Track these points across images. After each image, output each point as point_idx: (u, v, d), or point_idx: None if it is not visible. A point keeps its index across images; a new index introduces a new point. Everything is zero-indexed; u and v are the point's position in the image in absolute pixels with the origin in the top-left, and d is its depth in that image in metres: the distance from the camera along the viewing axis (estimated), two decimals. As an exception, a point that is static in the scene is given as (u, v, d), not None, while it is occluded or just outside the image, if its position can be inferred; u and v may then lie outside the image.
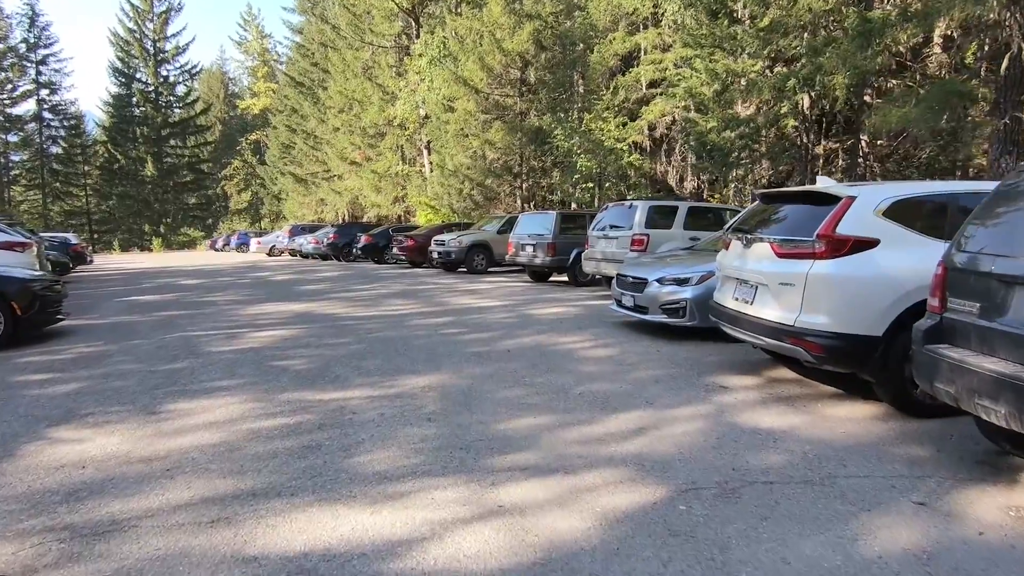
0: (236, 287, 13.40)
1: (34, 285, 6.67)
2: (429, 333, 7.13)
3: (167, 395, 4.64)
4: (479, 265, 15.27)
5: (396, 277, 15.26)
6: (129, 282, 15.46)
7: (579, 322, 7.72)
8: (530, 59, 22.95)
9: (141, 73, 53.56)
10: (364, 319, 8.29)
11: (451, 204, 26.36)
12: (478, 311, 8.85)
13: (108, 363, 5.72)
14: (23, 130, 51.39)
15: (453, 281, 13.81)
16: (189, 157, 56.61)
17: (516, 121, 23.40)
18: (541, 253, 11.87)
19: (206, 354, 6.08)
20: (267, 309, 9.45)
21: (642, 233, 9.20)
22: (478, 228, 16.88)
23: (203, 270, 20.35)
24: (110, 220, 54.46)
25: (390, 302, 10.13)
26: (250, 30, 62.15)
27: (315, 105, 41.26)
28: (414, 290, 11.96)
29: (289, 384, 4.94)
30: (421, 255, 17.58)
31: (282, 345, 6.51)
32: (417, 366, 5.54)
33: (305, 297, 11.07)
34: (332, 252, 23.68)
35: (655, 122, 20.12)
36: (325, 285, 13.53)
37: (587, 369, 5.35)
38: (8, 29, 49.58)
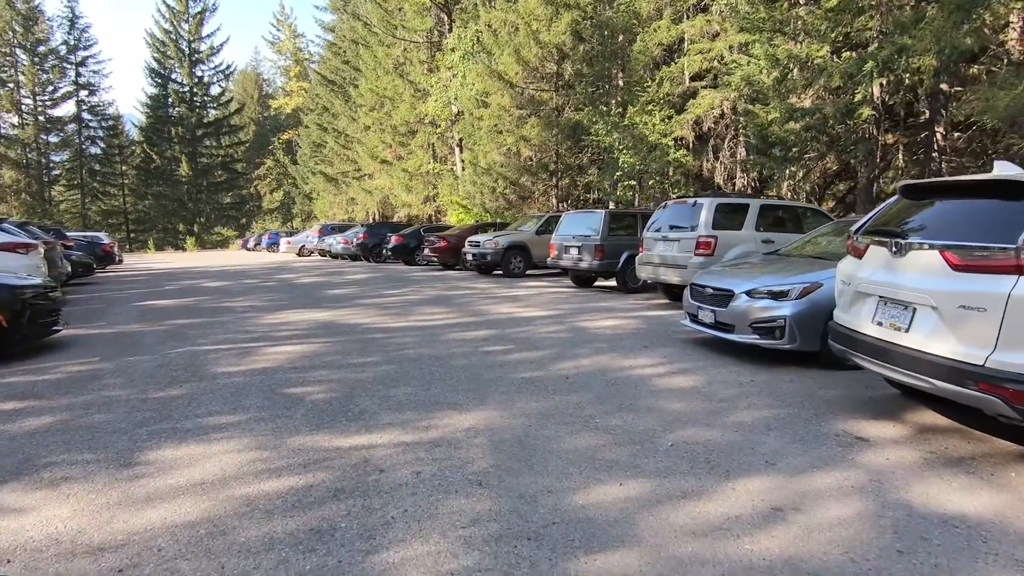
0: (259, 291, 12.63)
1: (24, 293, 5.87)
2: (469, 351, 6.13)
3: (152, 436, 3.72)
4: (516, 268, 14.25)
5: (428, 280, 14.34)
6: (151, 284, 14.85)
7: (643, 338, 6.63)
8: (567, 51, 21.92)
9: (176, 74, 54.02)
10: (394, 332, 7.34)
11: (483, 203, 25.46)
12: (522, 323, 7.82)
13: (96, 387, 4.85)
14: (63, 131, 52.27)
15: (489, 285, 12.82)
16: (223, 157, 56.91)
17: (552, 116, 22.39)
18: (587, 256, 10.78)
19: (210, 376, 5.17)
20: (288, 318, 8.58)
21: (709, 235, 8.05)
22: (515, 228, 15.86)
23: (229, 271, 19.77)
24: (146, 219, 55.04)
25: (422, 310, 9.17)
26: (283, 30, 62.33)
27: (346, 103, 40.87)
28: (448, 296, 11.00)
29: (303, 422, 3.98)
30: (453, 257, 16.65)
31: (300, 365, 5.58)
32: (458, 397, 4.53)
33: (330, 303, 10.20)
34: (361, 253, 22.94)
35: (702, 116, 18.84)
36: (353, 289, 12.67)
37: (671, 406, 4.28)
38: (49, 31, 50.49)
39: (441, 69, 30.22)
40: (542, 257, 14.40)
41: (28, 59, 49.35)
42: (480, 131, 24.22)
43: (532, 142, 22.54)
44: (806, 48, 12.83)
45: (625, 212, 11.83)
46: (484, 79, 23.05)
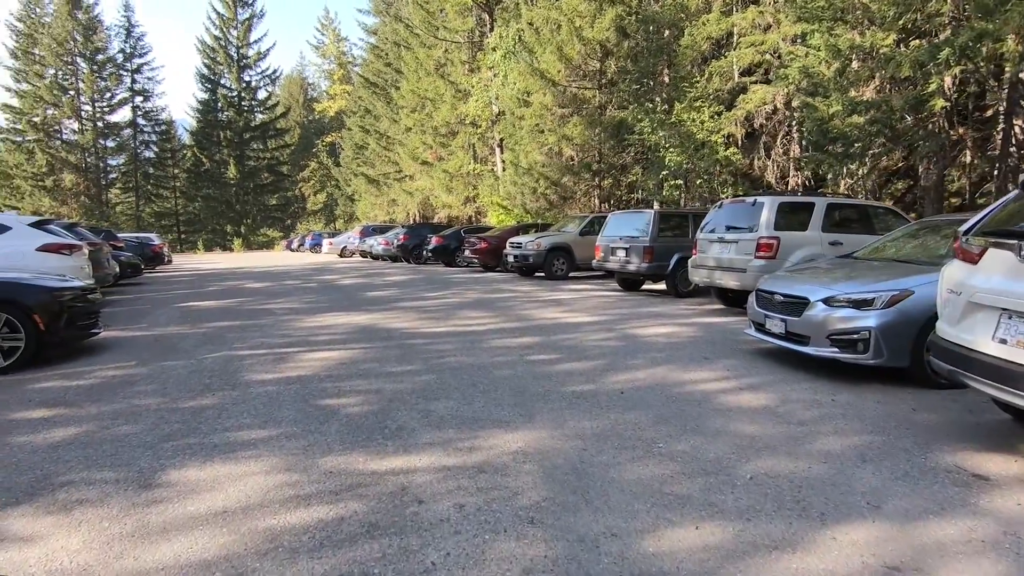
0: (300, 292, 12.55)
1: (62, 296, 5.76)
2: (513, 360, 5.75)
3: (177, 452, 3.46)
4: (559, 270, 13.82)
5: (468, 283, 14.04)
6: (196, 285, 15.00)
7: (701, 348, 6.12)
8: (611, 48, 21.41)
9: (225, 79, 55.46)
10: (434, 337, 7.01)
11: (524, 204, 25.14)
12: (568, 329, 7.40)
13: (127, 394, 4.66)
14: (119, 136, 54.29)
15: (531, 288, 12.42)
16: (269, 160, 58.16)
17: (595, 115, 21.88)
18: (636, 258, 10.27)
19: (244, 384, 4.93)
20: (327, 321, 8.37)
21: (771, 236, 7.47)
22: (557, 229, 15.42)
23: (272, 272, 19.93)
24: (196, 221, 56.69)
25: (463, 314, 8.84)
26: (327, 34, 63.38)
27: (388, 105, 41.17)
28: (489, 299, 10.65)
29: (336, 439, 3.67)
30: (494, 258, 16.32)
31: (336, 373, 5.29)
32: (503, 412, 4.15)
33: (370, 306, 9.98)
34: (402, 254, 22.87)
35: (753, 112, 18.02)
36: (392, 291, 12.47)
37: (743, 429, 3.79)
38: (107, 40, 52.52)
39: (482, 69, 30.05)
40: (586, 259, 13.94)
41: (88, 67, 51.44)
42: (521, 131, 23.90)
43: (574, 141, 22.09)
44: (871, 37, 12.00)
45: (676, 212, 11.27)
46: (526, 78, 22.71)
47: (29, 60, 50.14)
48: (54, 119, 51.19)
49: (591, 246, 13.64)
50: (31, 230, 7.75)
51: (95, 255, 9.95)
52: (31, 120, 49.72)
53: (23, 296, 5.47)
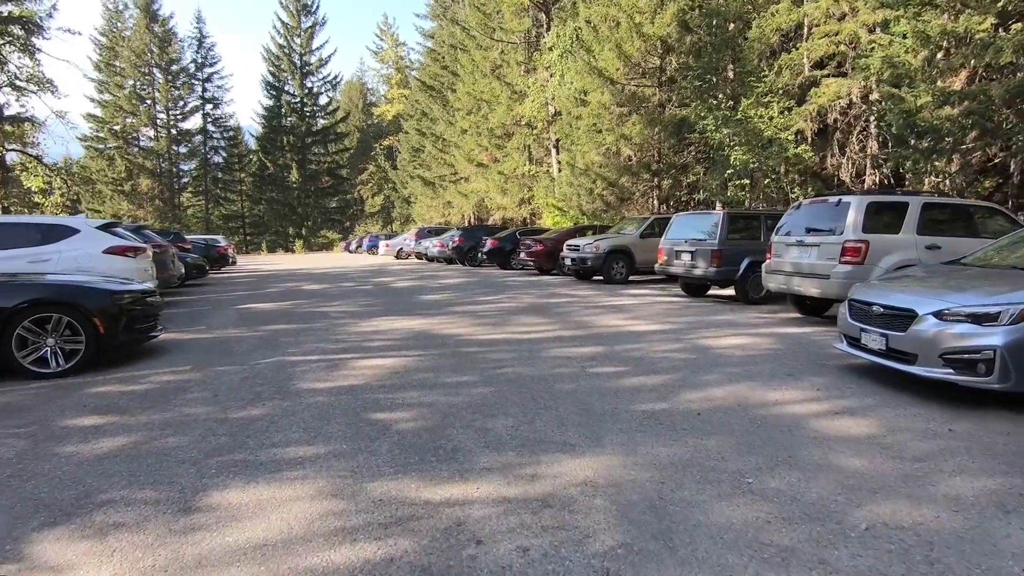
0: (355, 295, 12.53)
1: (122, 299, 5.76)
2: (576, 372, 5.36)
3: (221, 470, 3.25)
4: (618, 274, 13.30)
5: (524, 286, 13.71)
6: (256, 286, 15.28)
7: (783, 363, 5.56)
8: (672, 43, 20.72)
9: (289, 85, 57.23)
10: (491, 345, 6.70)
11: (580, 205, 24.68)
12: (632, 338, 6.95)
13: (179, 402, 4.54)
14: (191, 142, 56.90)
15: (590, 293, 11.97)
16: (329, 163, 59.67)
17: (655, 113, 21.19)
18: (703, 262, 9.68)
19: (295, 393, 4.74)
20: (381, 325, 8.20)
21: (859, 240, 6.79)
22: (616, 231, 14.90)
23: (330, 274, 20.20)
24: (260, 223, 58.74)
25: (520, 320, 8.51)
26: (386, 39, 64.56)
27: (444, 108, 41.43)
28: (547, 304, 10.28)
29: (387, 460, 3.38)
30: (550, 261, 15.94)
31: (389, 383, 5.05)
32: (568, 434, 3.78)
33: (424, 310, 9.78)
34: (457, 256, 22.79)
35: (827, 106, 16.97)
36: (447, 295, 12.27)
37: (847, 462, 3.29)
38: (180, 51, 55.13)
39: (538, 69, 29.77)
40: (646, 262, 13.38)
41: (163, 77, 54.14)
42: (578, 131, 23.45)
43: (633, 140, 21.46)
44: (964, 22, 10.98)
45: (746, 213, 10.58)
46: (583, 76, 22.26)
47: (111, 72, 53.18)
48: (132, 127, 54.10)
49: (652, 249, 13.08)
50: (99, 233, 7.91)
51: (160, 257, 10.17)
52: (112, 128, 52.72)
53: (84, 299, 5.47)
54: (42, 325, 5.30)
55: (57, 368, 5.34)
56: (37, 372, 5.28)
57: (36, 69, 20.88)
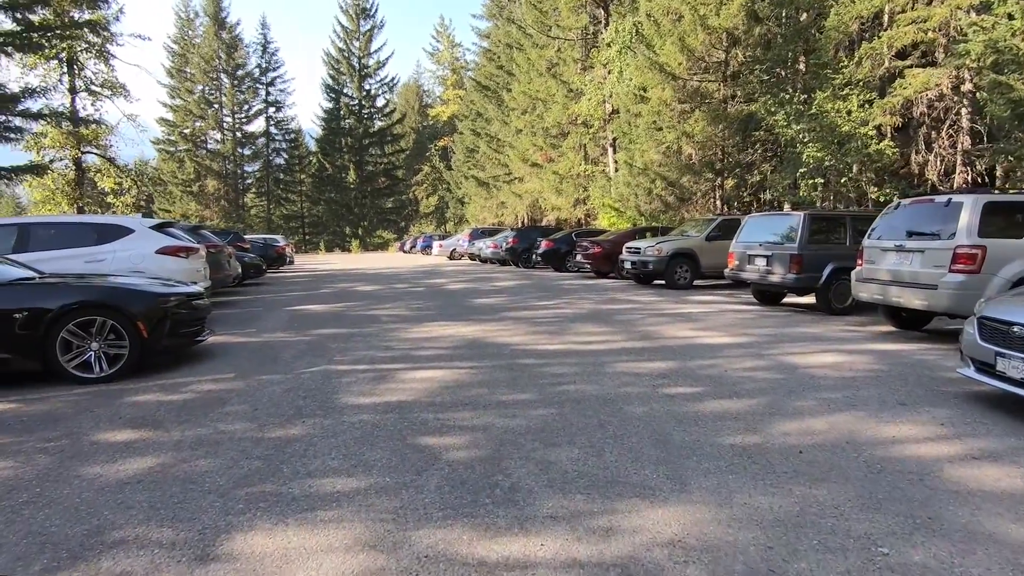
0: (407, 297, 12.25)
1: (167, 302, 5.54)
2: (646, 392, 4.77)
3: (248, 506, 2.86)
4: (682, 279, 12.52)
5: (581, 290, 13.11)
6: (310, 286, 15.25)
7: (890, 388, 4.81)
8: (739, 35, 19.68)
9: (348, 88, 58.35)
10: (549, 357, 6.18)
11: (638, 206, 23.86)
12: (706, 352, 6.28)
13: (216, 416, 4.22)
14: (254, 144, 58.80)
15: (652, 298, 11.27)
16: (385, 164, 60.55)
17: (719, 109, 20.18)
18: (780, 268, 8.85)
19: (338, 410, 4.35)
20: (432, 331, 7.80)
21: (974, 245, 5.90)
22: (679, 233, 14.10)
23: (383, 274, 20.13)
24: (318, 223, 60.16)
25: (580, 329, 7.94)
26: (442, 41, 64.99)
27: (499, 108, 41.22)
28: (607, 311, 9.67)
29: (435, 499, 2.91)
30: (608, 264, 15.28)
31: (439, 400, 4.60)
32: (645, 473, 3.22)
33: (478, 315, 9.35)
34: (510, 257, 22.36)
35: (913, 98, 15.63)
36: (501, 299, 11.82)
37: (1007, 531, 2.60)
38: (246, 57, 57.04)
39: (596, 67, 29.06)
40: (712, 266, 12.57)
41: (229, 82, 56.14)
42: (637, 128, 22.65)
43: (695, 138, 20.51)
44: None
45: (829, 215, 9.65)
46: (643, 72, 21.44)
47: (182, 78, 55.55)
48: (201, 130, 56.35)
49: (719, 252, 12.27)
50: (152, 233, 7.85)
51: (215, 257, 10.12)
52: (182, 132, 55.02)
53: (128, 302, 5.27)
54: (86, 329, 5.12)
55: (100, 374, 5.15)
56: (81, 377, 5.10)
57: (110, 74, 21.81)
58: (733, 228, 12.93)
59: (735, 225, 12.99)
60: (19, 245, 7.18)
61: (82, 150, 20.79)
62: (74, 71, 20.44)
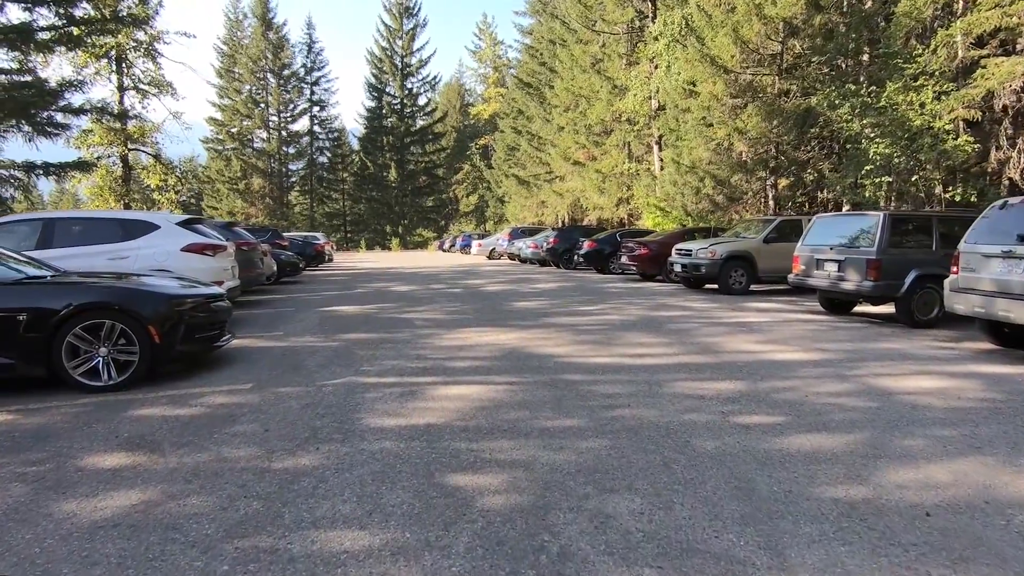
0: (444, 299, 11.73)
1: (182, 304, 5.10)
2: (715, 421, 4.06)
3: (234, 567, 2.30)
4: (737, 283, 11.62)
5: (627, 295, 12.35)
6: (345, 285, 14.91)
7: (1017, 425, 3.97)
8: (799, 25, 18.54)
9: (390, 87, 58.60)
10: (598, 372, 5.51)
11: (684, 205, 22.89)
12: (779, 371, 5.51)
13: (220, 439, 3.72)
14: (299, 143, 59.62)
15: (706, 305, 10.42)
16: (426, 163, 60.59)
17: (774, 104, 19.05)
18: (855, 274, 7.93)
19: (358, 434, 3.80)
20: (468, 338, 7.22)
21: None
22: (733, 235, 13.18)
23: (420, 274, 19.73)
24: (360, 221, 60.65)
25: (629, 339, 7.23)
26: (484, 38, 64.69)
27: (541, 105, 40.60)
28: (658, 319, 8.91)
29: (465, 568, 2.30)
30: (655, 266, 14.47)
31: (474, 424, 4.00)
32: (728, 536, 2.53)
33: (517, 320, 8.73)
34: (551, 258, 21.67)
35: (997, 89, 14.31)
36: (542, 302, 11.17)
37: None
38: (292, 56, 57.86)
39: (642, 61, 28.12)
40: (770, 271, 11.65)
41: (275, 82, 57.05)
42: (686, 124, 21.70)
43: (748, 135, 19.43)
44: None
45: (913, 216, 8.64)
46: (693, 65, 20.45)
47: (230, 78, 56.70)
48: (248, 129, 57.40)
49: (778, 255, 11.37)
50: (179, 230, 7.50)
51: (247, 255, 9.79)
52: (229, 131, 56.16)
53: (139, 305, 4.84)
54: (94, 333, 4.72)
55: (109, 382, 4.74)
56: (87, 385, 4.70)
57: (157, 73, 22.10)
58: (793, 230, 11.99)
59: (796, 226, 12.04)
60: (43, 241, 6.91)
61: (129, 147, 21.12)
62: (123, 69, 20.82)
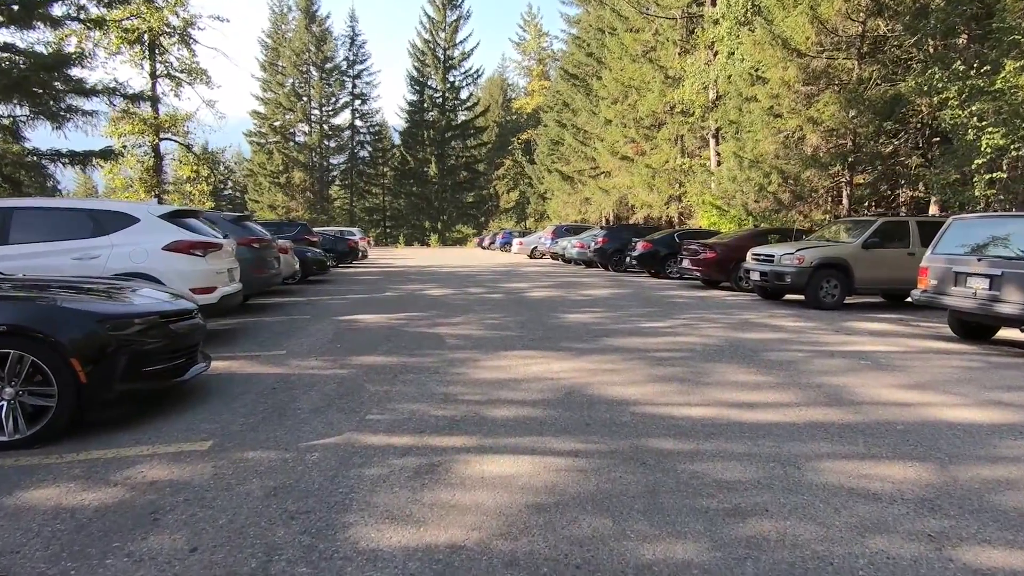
0: (483, 307, 10.23)
1: (124, 327, 3.71)
2: (925, 559, 2.41)
3: None
4: (829, 295, 9.75)
5: (696, 306, 10.58)
6: (375, 287, 13.57)
7: None
8: (886, 1, 16.39)
9: (432, 80, 57.55)
10: (695, 434, 3.89)
11: (745, 204, 20.85)
12: (965, 442, 3.78)
13: (107, 568, 2.27)
14: (340, 137, 59.20)
15: (799, 323, 8.57)
16: (467, 158, 59.38)
17: (856, 90, 16.89)
18: (1018, 294, 6.09)
19: (335, 567, 2.30)
20: (511, 367, 5.69)
21: None
22: (821, 238, 11.26)
23: (458, 274, 18.29)
24: (399, 216, 59.87)
25: (722, 374, 5.54)
26: (529, 30, 63.01)
27: (587, 97, 38.79)
28: (747, 342, 7.16)
29: None
30: (722, 272, 12.66)
31: (524, 547, 2.45)
32: None
33: (572, 341, 7.15)
34: (599, 259, 19.92)
35: None
36: (597, 314, 9.53)
37: None
38: (335, 49, 57.40)
39: (699, 48, 26.06)
40: (869, 281, 9.78)
41: (318, 75, 56.69)
42: (751, 115, 19.65)
43: (824, 125, 17.34)
44: None
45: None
46: (762, 49, 18.39)
47: (273, 71, 56.60)
48: (290, 123, 57.26)
49: (879, 264, 9.52)
50: (162, 224, 6.14)
51: (258, 254, 8.49)
52: (272, 124, 56.09)
53: (56, 328, 3.47)
54: None
55: (14, 436, 3.39)
56: (-21, 441, 3.35)
57: (192, 60, 21.32)
58: (897, 233, 10.06)
59: (900, 229, 10.11)
60: (-1, 234, 5.69)
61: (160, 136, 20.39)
62: (155, 55, 20.10)
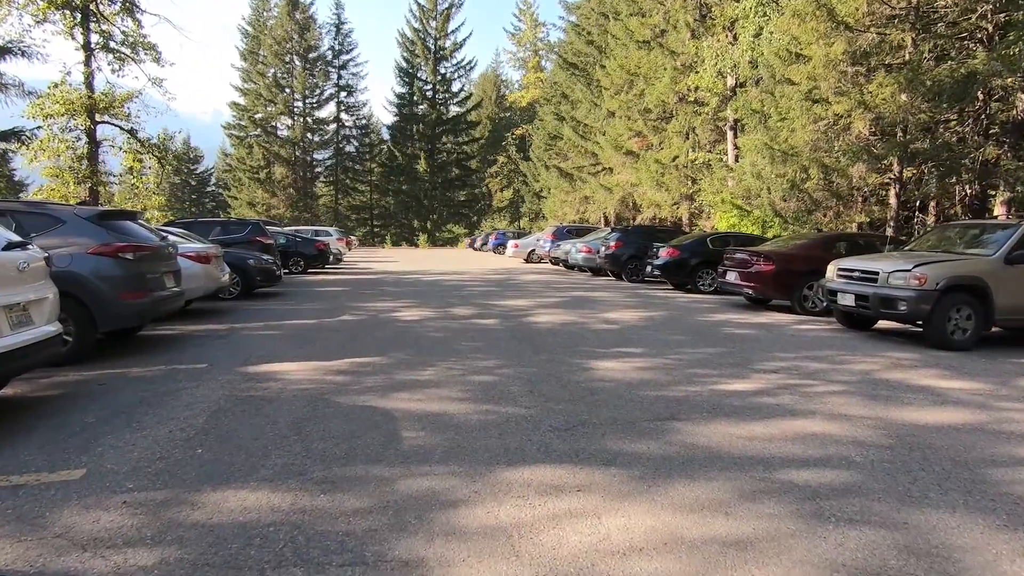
0: (471, 338, 7.37)
1: None
2: None
3: None
4: (959, 329, 6.94)
5: (767, 341, 7.70)
6: (337, 305, 10.57)
7: None
8: (955, -38, 13.70)
9: (422, 71, 54.61)
10: None
11: (772, 203, 18.05)
12: None
13: None
14: (324, 131, 56.13)
15: (957, 382, 5.77)
16: (458, 154, 56.48)
17: (915, 70, 14.16)
18: None
19: None
20: (523, 529, 2.85)
21: None
22: (934, 248, 8.43)
23: (444, 284, 15.41)
24: (386, 215, 56.86)
25: (848, 481, 2.74)
26: (524, 20, 60.15)
27: (587, 88, 36.01)
28: (903, 427, 4.36)
29: None
30: (780, 289, 9.86)
31: None
32: None
33: (620, 437, 4.32)
34: (611, 266, 16.98)
35: None
36: (638, 362, 6.59)
37: None
38: (319, 38, 54.32)
39: (717, 27, 23.33)
40: (1013, 311, 7.00)
41: (301, 65, 53.60)
42: (787, 100, 16.88)
43: (876, 110, 14.63)
44: None
45: None
46: (803, 20, 15.60)
47: (253, 61, 53.46)
48: (271, 115, 54.13)
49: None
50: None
51: (129, 269, 5.60)
52: (253, 116, 52.96)
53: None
54: None
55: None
56: None
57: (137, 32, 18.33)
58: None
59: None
60: None
61: (95, 120, 17.39)
62: (88, 23, 17.07)
